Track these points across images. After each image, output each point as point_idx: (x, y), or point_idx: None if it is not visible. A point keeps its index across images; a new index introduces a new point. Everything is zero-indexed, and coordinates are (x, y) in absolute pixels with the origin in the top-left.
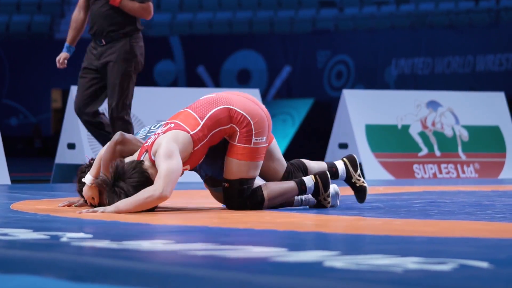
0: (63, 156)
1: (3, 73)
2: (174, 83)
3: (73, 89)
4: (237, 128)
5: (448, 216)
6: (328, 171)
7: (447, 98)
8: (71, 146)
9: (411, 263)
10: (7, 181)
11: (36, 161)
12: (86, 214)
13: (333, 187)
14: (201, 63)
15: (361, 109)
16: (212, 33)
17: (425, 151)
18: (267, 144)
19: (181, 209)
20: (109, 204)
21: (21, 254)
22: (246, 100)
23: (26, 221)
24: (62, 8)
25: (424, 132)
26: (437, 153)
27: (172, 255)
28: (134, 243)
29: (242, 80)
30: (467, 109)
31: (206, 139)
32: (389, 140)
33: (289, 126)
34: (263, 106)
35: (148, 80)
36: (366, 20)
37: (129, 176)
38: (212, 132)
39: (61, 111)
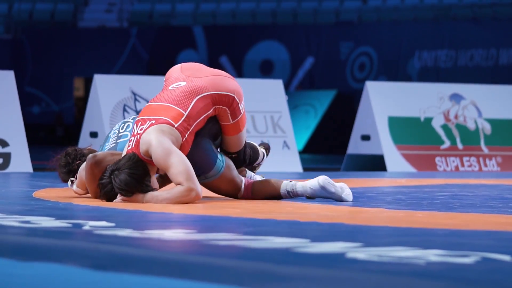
0: (85, 144)
1: (25, 61)
2: None
3: (96, 78)
4: (226, 108)
5: (470, 209)
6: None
7: (470, 91)
8: (94, 134)
9: (433, 255)
10: (29, 169)
11: (58, 150)
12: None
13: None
14: (224, 53)
15: (384, 101)
16: (235, 23)
17: (447, 144)
18: None
19: (203, 199)
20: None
21: (43, 242)
22: (216, 79)
23: (48, 209)
24: None
25: (446, 124)
26: (460, 146)
27: (194, 244)
28: (156, 232)
29: (265, 71)
30: (490, 102)
31: (192, 128)
32: (411, 132)
33: (311, 117)
34: (225, 72)
35: None
36: (389, 12)
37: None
38: (197, 121)
39: (84, 100)
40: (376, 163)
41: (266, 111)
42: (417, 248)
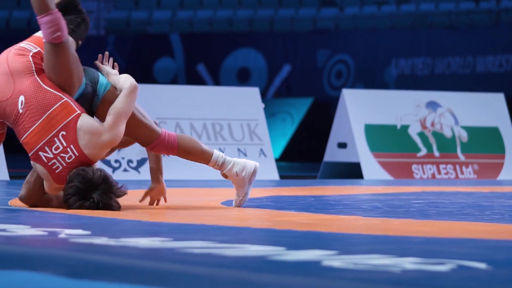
0: None
1: None
2: (174, 81)
3: None
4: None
5: (447, 217)
6: None
7: (447, 98)
8: None
9: (409, 263)
10: (6, 177)
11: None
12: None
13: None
14: (201, 61)
15: (361, 109)
16: (212, 31)
17: (424, 151)
18: None
19: (178, 207)
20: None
21: (19, 250)
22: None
23: (24, 217)
24: None
25: (423, 132)
26: (436, 153)
27: (170, 252)
28: (132, 240)
29: (242, 79)
30: (467, 110)
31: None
32: (388, 140)
33: (288, 125)
34: None
35: (148, 77)
36: (366, 19)
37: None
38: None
39: None
40: (352, 171)
41: (243, 119)
42: (393, 256)
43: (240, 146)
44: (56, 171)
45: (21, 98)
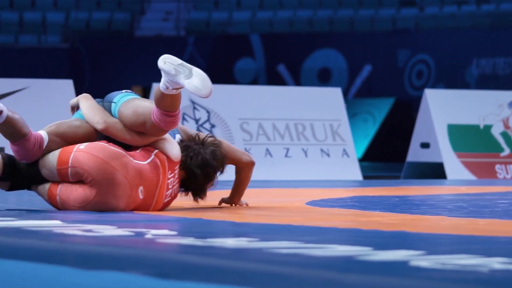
0: None
1: (83, 70)
2: (254, 81)
3: (154, 86)
4: None
5: None
6: None
7: None
8: None
9: (497, 263)
10: None
11: None
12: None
13: None
14: (281, 61)
15: (443, 109)
16: (292, 32)
17: (507, 151)
18: None
19: (263, 208)
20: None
21: (107, 250)
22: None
23: (110, 218)
24: (142, 5)
25: (506, 132)
26: None
27: (257, 253)
28: (219, 241)
29: (323, 79)
30: None
31: None
32: (471, 140)
33: (370, 125)
34: None
35: (228, 78)
36: (446, 19)
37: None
38: None
39: None
40: (436, 171)
41: (325, 119)
42: (480, 256)
43: (323, 147)
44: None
45: None
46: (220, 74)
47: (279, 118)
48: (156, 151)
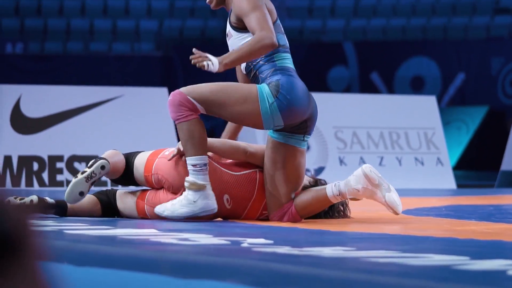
0: None
1: (176, 78)
2: (347, 89)
3: None
4: None
5: None
6: None
7: None
8: None
9: None
10: None
11: None
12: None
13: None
14: (375, 69)
15: None
16: (386, 39)
17: None
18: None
19: (358, 217)
20: None
21: (204, 259)
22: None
23: (205, 226)
24: None
25: None
26: None
27: (355, 262)
28: (315, 250)
29: (416, 87)
30: None
31: None
32: None
33: (463, 133)
34: None
35: (321, 85)
36: None
37: None
38: None
39: None
40: None
41: (420, 128)
42: None
43: (417, 155)
44: None
45: None
46: (313, 82)
47: (373, 126)
48: (261, 169)
